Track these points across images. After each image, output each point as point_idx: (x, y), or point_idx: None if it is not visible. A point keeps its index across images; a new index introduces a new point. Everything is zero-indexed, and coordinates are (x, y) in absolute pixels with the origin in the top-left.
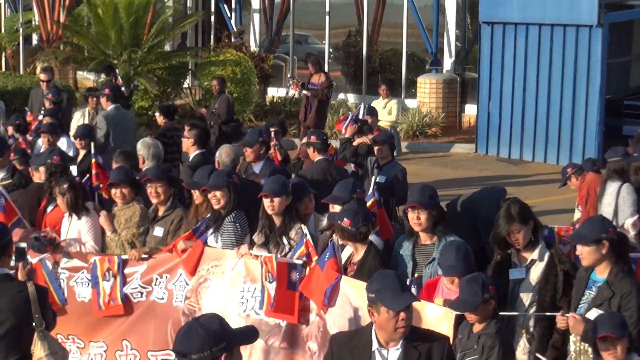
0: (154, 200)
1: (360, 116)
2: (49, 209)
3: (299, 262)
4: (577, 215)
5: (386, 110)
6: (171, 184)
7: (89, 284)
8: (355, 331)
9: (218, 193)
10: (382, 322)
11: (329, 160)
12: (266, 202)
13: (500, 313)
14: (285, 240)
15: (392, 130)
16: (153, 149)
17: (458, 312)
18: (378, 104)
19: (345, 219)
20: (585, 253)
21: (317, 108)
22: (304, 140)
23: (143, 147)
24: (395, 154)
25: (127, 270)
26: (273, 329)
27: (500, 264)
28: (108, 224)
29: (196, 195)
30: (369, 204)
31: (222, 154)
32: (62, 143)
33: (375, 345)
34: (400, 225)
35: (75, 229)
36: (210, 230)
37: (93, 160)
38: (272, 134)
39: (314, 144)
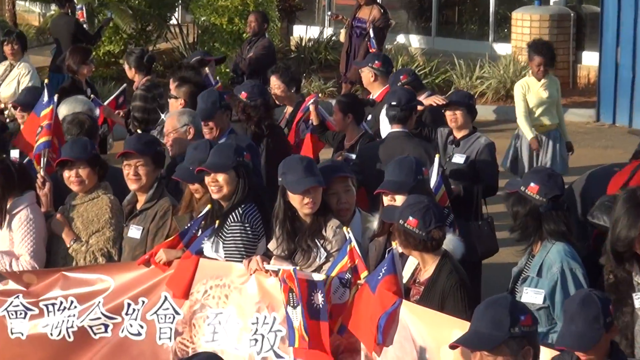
0: (132, 186)
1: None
2: None
3: (319, 277)
4: None
5: (547, 97)
6: (157, 163)
7: (26, 315)
8: None
9: (220, 177)
10: None
11: (408, 135)
12: (305, 200)
13: None
14: (318, 243)
15: (557, 132)
16: (198, 119)
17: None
18: (532, 86)
19: (410, 218)
20: None
21: (366, 55)
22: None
23: (189, 116)
24: (553, 159)
25: (82, 291)
26: None
27: (616, 286)
28: (67, 231)
29: (193, 185)
30: (438, 195)
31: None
32: None
33: None
34: (488, 226)
35: (4, 235)
36: (207, 233)
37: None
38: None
39: (386, 110)
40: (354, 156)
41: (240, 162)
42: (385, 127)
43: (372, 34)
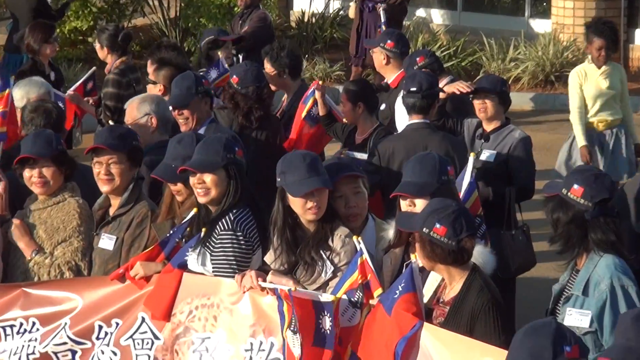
0: (104, 187)
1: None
2: None
3: (328, 298)
4: None
5: (607, 88)
6: (133, 160)
7: None
8: None
9: (208, 178)
10: None
11: (431, 127)
12: (308, 204)
13: None
14: (324, 255)
15: (622, 129)
16: (163, 106)
17: None
18: (591, 74)
19: (437, 225)
20: None
21: None
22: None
23: (150, 104)
24: (613, 161)
25: (45, 311)
26: None
27: None
28: (28, 241)
29: (175, 186)
30: (470, 201)
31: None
32: None
33: None
34: (524, 236)
35: None
36: (192, 243)
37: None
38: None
39: (403, 98)
40: (358, 155)
41: (231, 160)
42: (402, 118)
43: (383, 18)
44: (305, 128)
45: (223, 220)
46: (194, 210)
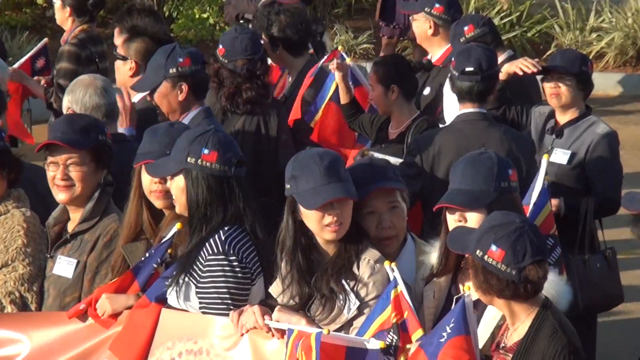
0: (60, 196)
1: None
2: None
3: (375, 345)
4: None
5: None
6: (99, 160)
7: None
8: None
9: (174, 183)
10: None
11: (488, 117)
12: (326, 219)
13: None
14: (347, 286)
15: None
16: (96, 96)
17: None
18: None
19: (493, 247)
20: None
21: None
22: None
23: (69, 93)
24: None
25: None
26: None
27: None
28: None
29: (161, 185)
30: (541, 216)
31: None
32: None
33: None
34: (604, 263)
35: None
36: (170, 272)
37: None
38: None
39: (454, 81)
40: (382, 157)
41: (191, 165)
42: (451, 106)
43: None
44: (339, 113)
45: (211, 240)
46: (177, 225)
